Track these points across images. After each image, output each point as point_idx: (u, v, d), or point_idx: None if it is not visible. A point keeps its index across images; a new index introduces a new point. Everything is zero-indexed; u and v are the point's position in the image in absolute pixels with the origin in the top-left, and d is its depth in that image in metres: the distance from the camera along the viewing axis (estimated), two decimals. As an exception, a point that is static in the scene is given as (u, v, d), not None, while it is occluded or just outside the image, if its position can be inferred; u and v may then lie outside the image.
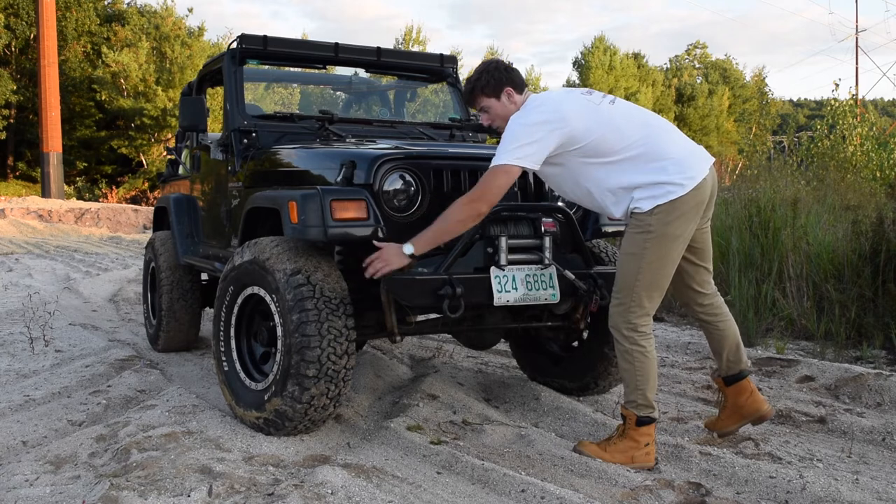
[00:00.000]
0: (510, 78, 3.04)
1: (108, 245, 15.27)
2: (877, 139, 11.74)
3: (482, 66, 3.10)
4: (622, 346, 2.94)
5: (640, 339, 2.92)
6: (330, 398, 3.00)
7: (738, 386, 3.16)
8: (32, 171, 30.61)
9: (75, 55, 30.48)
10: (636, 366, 2.93)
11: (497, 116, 3.06)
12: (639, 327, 2.92)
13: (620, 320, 2.93)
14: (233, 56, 4.21)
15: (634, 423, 2.94)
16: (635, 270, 2.89)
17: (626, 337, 2.93)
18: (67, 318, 6.04)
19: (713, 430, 3.24)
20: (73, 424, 3.41)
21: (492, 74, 3.03)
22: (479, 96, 3.06)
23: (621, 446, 2.93)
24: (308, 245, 3.16)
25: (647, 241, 2.85)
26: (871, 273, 5.10)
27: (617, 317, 2.94)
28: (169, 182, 5.70)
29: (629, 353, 2.93)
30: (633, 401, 2.96)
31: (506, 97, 3.03)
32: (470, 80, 3.10)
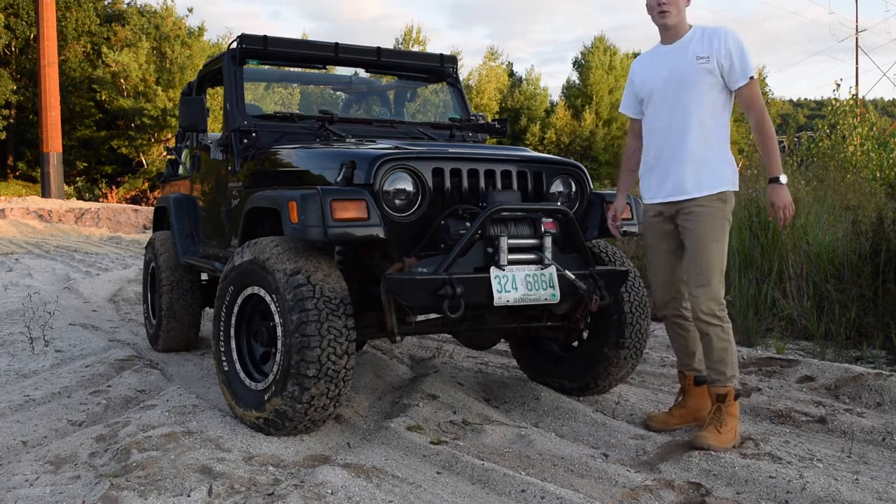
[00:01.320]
0: None
1: (108, 245, 15.27)
2: (877, 139, 11.74)
3: None
4: (717, 327, 3.08)
5: (727, 315, 3.11)
6: (330, 398, 3.00)
7: (703, 389, 3.31)
8: (32, 171, 30.61)
9: (75, 55, 30.47)
10: (731, 341, 3.11)
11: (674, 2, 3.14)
12: (724, 305, 3.10)
13: (713, 303, 3.07)
14: (233, 56, 4.21)
15: (733, 398, 3.10)
16: (720, 253, 3.09)
17: (719, 317, 3.08)
18: (67, 318, 6.04)
19: (653, 424, 3.36)
20: (73, 424, 3.41)
21: None
22: None
23: (730, 425, 3.08)
24: (308, 245, 3.16)
25: (726, 226, 3.10)
26: (871, 273, 5.10)
27: (708, 301, 3.07)
28: (169, 182, 5.71)
29: (725, 331, 3.09)
30: (732, 375, 3.11)
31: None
32: None
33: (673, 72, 3.15)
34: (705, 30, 3.14)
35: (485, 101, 35.55)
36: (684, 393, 3.38)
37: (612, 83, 38.99)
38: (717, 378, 3.12)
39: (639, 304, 3.70)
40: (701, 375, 3.31)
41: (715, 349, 3.09)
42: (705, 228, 3.08)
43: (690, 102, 3.11)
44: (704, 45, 3.10)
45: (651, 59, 3.30)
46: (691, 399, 3.35)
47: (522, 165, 3.46)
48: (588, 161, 34.92)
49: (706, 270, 3.07)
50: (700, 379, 3.31)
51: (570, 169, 3.61)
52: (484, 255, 3.10)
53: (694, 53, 3.10)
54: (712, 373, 3.13)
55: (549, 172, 3.53)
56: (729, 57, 3.05)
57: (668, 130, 3.17)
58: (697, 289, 3.08)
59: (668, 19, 3.15)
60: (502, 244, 3.07)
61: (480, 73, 38.01)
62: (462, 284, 2.93)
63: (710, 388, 3.15)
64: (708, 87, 3.09)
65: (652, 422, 3.37)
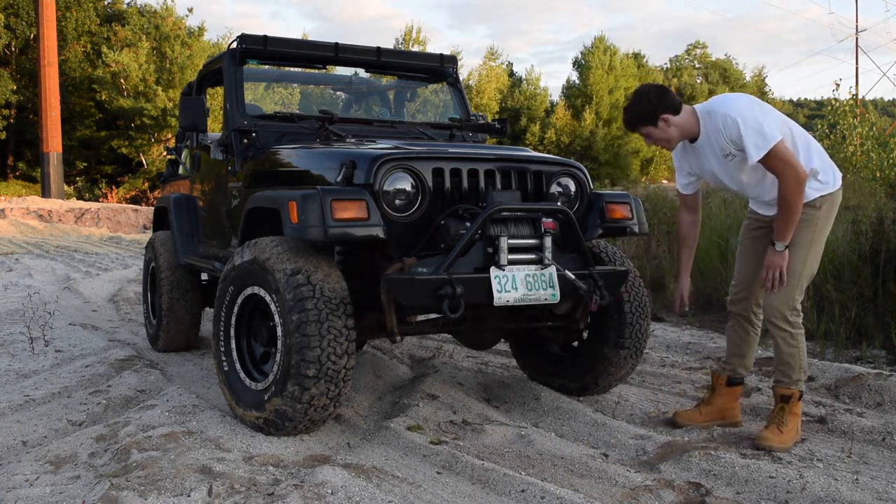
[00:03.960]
0: (663, 105, 3.15)
1: (108, 245, 15.27)
2: (877, 139, 11.74)
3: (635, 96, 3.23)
4: (787, 331, 3.12)
5: (800, 321, 3.15)
6: (330, 398, 3.00)
7: (735, 390, 3.40)
8: (32, 171, 30.60)
9: (75, 55, 30.47)
10: (801, 346, 3.15)
11: (659, 140, 3.23)
12: (799, 311, 3.14)
13: (786, 307, 3.11)
14: (233, 56, 4.21)
15: (797, 399, 3.15)
16: (803, 259, 3.12)
17: (790, 322, 3.12)
18: (67, 318, 6.04)
19: (679, 420, 3.39)
20: (73, 424, 3.41)
21: (644, 105, 3.17)
22: (638, 126, 3.24)
23: (791, 425, 3.12)
24: (308, 245, 3.16)
25: (815, 231, 3.14)
26: (871, 273, 5.10)
27: (782, 305, 3.11)
28: (169, 182, 5.71)
29: (794, 337, 3.13)
30: (798, 379, 3.16)
31: (663, 123, 3.16)
32: (626, 109, 3.27)
33: (715, 167, 3.22)
34: (711, 120, 3.13)
35: (485, 101, 35.57)
36: (713, 391, 3.41)
37: (612, 83, 39.00)
38: (782, 379, 3.17)
39: (639, 304, 3.69)
40: (735, 377, 3.38)
41: (783, 353, 3.15)
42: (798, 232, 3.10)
43: (750, 179, 3.18)
44: (718, 141, 3.12)
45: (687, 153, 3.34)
46: (720, 398, 3.38)
47: (522, 165, 3.45)
48: (588, 161, 34.94)
49: (790, 274, 3.10)
50: (734, 380, 3.38)
51: (570, 169, 3.61)
52: (484, 255, 3.10)
53: (720, 151, 3.14)
54: (778, 374, 3.19)
55: (549, 172, 3.53)
56: (738, 146, 3.07)
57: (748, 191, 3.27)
58: (773, 296, 3.12)
59: (668, 149, 3.30)
60: (502, 244, 3.07)
61: (480, 73, 38.03)
62: (462, 284, 2.92)
63: (775, 388, 3.20)
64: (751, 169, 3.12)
65: (679, 418, 3.40)
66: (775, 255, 3.07)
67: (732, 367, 3.41)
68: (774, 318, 3.12)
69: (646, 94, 3.19)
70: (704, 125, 3.17)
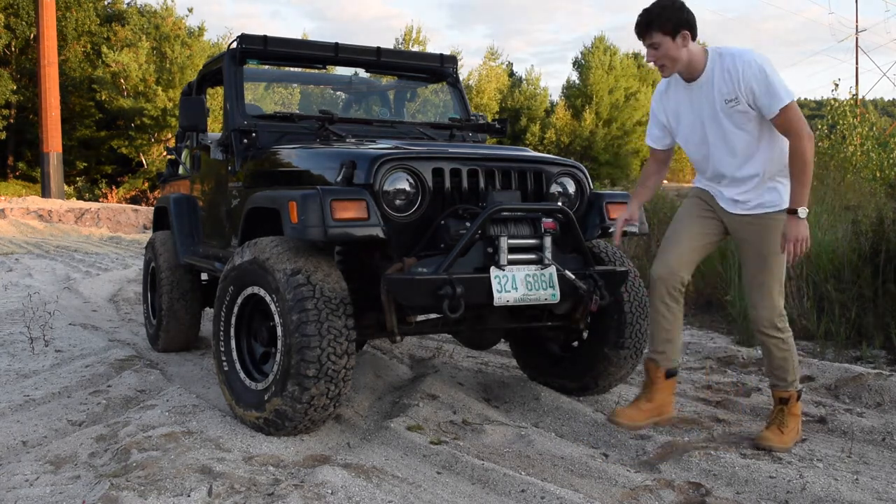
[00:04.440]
0: (689, 21, 2.91)
1: (108, 245, 15.27)
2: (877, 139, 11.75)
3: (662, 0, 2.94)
4: (778, 338, 3.07)
5: (787, 324, 3.10)
6: (330, 398, 3.00)
7: (672, 382, 3.24)
8: (32, 171, 30.60)
9: (75, 55, 30.47)
10: (792, 349, 3.11)
11: (664, 56, 2.94)
12: (785, 315, 3.09)
13: (774, 315, 3.05)
14: (233, 56, 4.21)
15: (796, 399, 3.13)
16: (781, 266, 3.03)
17: (779, 328, 3.06)
18: (67, 318, 6.04)
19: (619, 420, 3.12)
20: (73, 424, 3.41)
21: (671, 12, 2.90)
22: (654, 29, 2.92)
23: (792, 425, 3.11)
24: (308, 245, 3.16)
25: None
26: (871, 273, 5.10)
27: (770, 314, 3.05)
28: (169, 182, 5.71)
29: (785, 342, 3.08)
30: (794, 380, 3.12)
31: (681, 39, 2.91)
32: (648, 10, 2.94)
33: (705, 115, 3.00)
34: (724, 60, 2.91)
35: (485, 101, 35.56)
36: (652, 384, 3.18)
37: (612, 83, 38.99)
38: (778, 383, 3.14)
39: (639, 304, 3.69)
40: (672, 368, 3.18)
41: (776, 358, 3.11)
42: (768, 242, 2.99)
43: (735, 141, 2.96)
44: (728, 83, 2.90)
45: (675, 94, 3.11)
46: (659, 393, 3.17)
47: (522, 165, 3.45)
48: (588, 161, 34.93)
49: (768, 284, 3.03)
50: (672, 371, 3.19)
51: (570, 169, 3.61)
52: (484, 255, 3.10)
53: (721, 95, 2.92)
54: (773, 378, 3.15)
55: (549, 172, 3.53)
56: (753, 94, 2.86)
57: (720, 162, 3.04)
58: (760, 302, 3.05)
59: (665, 73, 3.03)
60: (502, 244, 3.07)
61: (480, 73, 38.02)
62: (462, 284, 2.92)
63: (773, 392, 3.18)
64: (746, 121, 2.93)
65: (617, 417, 3.12)
66: (799, 224, 2.83)
67: (666, 356, 3.16)
68: (764, 328, 3.06)
69: (675, 2, 2.92)
70: (713, 64, 2.94)
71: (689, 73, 2.99)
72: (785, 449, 3.04)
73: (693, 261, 3.16)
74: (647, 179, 3.36)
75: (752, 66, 2.85)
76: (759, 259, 3.05)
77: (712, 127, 2.99)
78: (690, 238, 3.15)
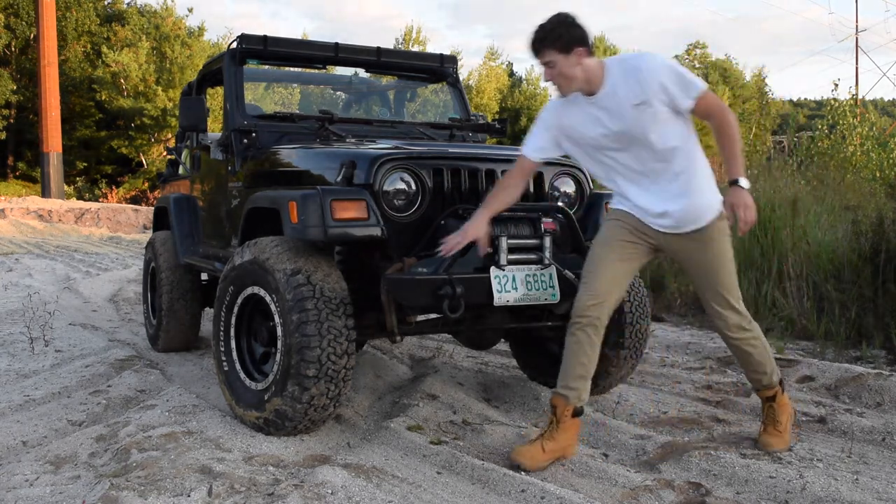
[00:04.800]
0: (582, 37, 2.80)
1: (108, 245, 15.27)
2: (877, 139, 11.75)
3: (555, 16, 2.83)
4: (748, 335, 3.01)
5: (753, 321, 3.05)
6: (330, 398, 3.00)
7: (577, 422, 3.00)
8: (32, 171, 30.61)
9: (75, 55, 30.48)
10: (764, 341, 3.07)
11: (559, 75, 2.81)
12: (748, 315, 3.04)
13: (741, 319, 3.00)
14: (233, 56, 4.21)
15: (781, 391, 3.10)
16: (731, 269, 2.99)
17: (748, 328, 3.01)
18: (67, 318, 6.04)
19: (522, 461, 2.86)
20: (73, 424, 3.41)
21: (564, 29, 2.79)
22: (547, 47, 2.79)
23: (785, 419, 3.09)
24: (308, 245, 3.16)
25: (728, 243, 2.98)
26: (871, 273, 5.10)
27: (736, 318, 2.99)
28: (169, 182, 5.71)
29: (756, 337, 3.03)
30: (773, 373, 3.08)
31: (575, 56, 2.79)
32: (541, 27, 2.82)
33: (613, 127, 2.83)
34: (624, 68, 2.80)
35: (485, 101, 35.55)
36: (558, 423, 2.93)
37: (612, 83, 38.92)
38: (758, 379, 3.09)
39: (639, 304, 3.70)
40: (580, 407, 2.97)
41: (753, 356, 3.04)
42: (718, 249, 2.93)
43: (652, 143, 2.80)
44: (634, 87, 2.76)
45: (575, 109, 2.91)
46: (565, 433, 2.93)
47: (522, 165, 3.45)
48: (588, 161, 34.86)
49: (728, 289, 2.97)
50: (579, 410, 2.97)
51: (570, 169, 3.61)
52: (484, 255, 3.10)
53: (627, 101, 2.77)
54: (754, 378, 3.10)
55: (549, 172, 3.53)
56: (665, 90, 2.74)
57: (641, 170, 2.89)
58: (721, 311, 2.98)
59: (563, 91, 2.87)
60: (502, 244, 3.06)
61: (480, 73, 38.02)
62: (462, 284, 2.92)
63: (758, 394, 3.14)
64: (660, 122, 2.78)
65: (520, 457, 2.87)
66: (743, 192, 2.74)
67: (577, 394, 2.94)
68: (732, 333, 2.99)
69: (567, 19, 2.79)
70: (613, 75, 2.80)
71: (590, 88, 2.84)
72: (786, 449, 3.04)
73: (616, 294, 2.97)
74: (507, 189, 3.05)
75: (657, 64, 2.76)
76: (709, 271, 2.95)
77: (625, 137, 2.83)
78: (612, 268, 2.95)
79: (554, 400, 2.99)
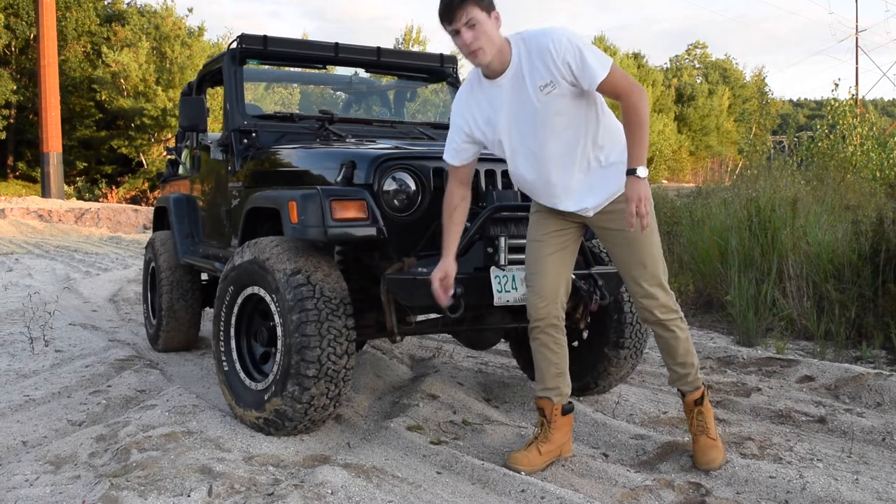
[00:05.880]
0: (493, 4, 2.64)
1: (108, 245, 15.27)
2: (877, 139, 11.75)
3: None
4: (677, 315, 2.82)
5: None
6: (330, 398, 3.00)
7: (569, 419, 3.00)
8: (32, 171, 30.62)
9: (75, 55, 30.49)
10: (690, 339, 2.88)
11: (483, 35, 2.60)
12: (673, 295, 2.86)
13: (668, 297, 2.81)
14: (233, 56, 4.21)
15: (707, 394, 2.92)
16: (658, 244, 2.82)
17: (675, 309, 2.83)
18: (67, 318, 6.04)
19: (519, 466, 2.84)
20: (73, 424, 3.41)
21: None
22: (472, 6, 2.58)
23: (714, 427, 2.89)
24: (308, 245, 3.16)
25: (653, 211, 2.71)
26: (871, 273, 5.10)
27: (664, 295, 2.80)
28: (169, 182, 5.71)
29: (683, 320, 2.85)
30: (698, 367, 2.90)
31: (495, 19, 2.63)
32: None
33: (519, 114, 2.68)
34: (528, 45, 2.63)
35: (485, 101, 35.50)
36: (549, 423, 2.92)
37: (612, 83, 38.91)
38: (686, 373, 2.86)
39: (639, 304, 3.69)
40: (568, 404, 2.97)
41: (680, 342, 2.83)
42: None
43: (562, 136, 2.68)
44: (538, 68, 2.60)
45: (481, 96, 2.76)
46: (557, 432, 2.92)
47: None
48: (588, 161, 34.83)
49: (652, 266, 2.78)
50: (567, 408, 2.97)
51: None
52: (484, 255, 3.10)
53: (533, 84, 2.62)
54: (680, 368, 2.86)
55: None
56: (570, 68, 2.58)
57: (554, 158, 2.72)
58: (647, 288, 2.77)
59: (483, 58, 2.63)
60: (502, 244, 3.06)
61: (480, 73, 37.97)
62: (462, 284, 2.92)
63: (685, 397, 2.91)
64: (568, 108, 2.65)
65: (517, 463, 2.84)
66: (639, 184, 2.55)
67: (560, 391, 2.94)
68: (662, 314, 2.78)
69: None
70: (518, 54, 2.64)
71: (499, 65, 2.66)
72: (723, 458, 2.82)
73: (564, 285, 2.91)
74: (456, 213, 2.87)
75: (561, 41, 2.57)
76: (638, 242, 2.76)
77: (533, 123, 2.67)
78: (552, 264, 2.87)
79: (539, 403, 2.98)
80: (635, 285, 2.82)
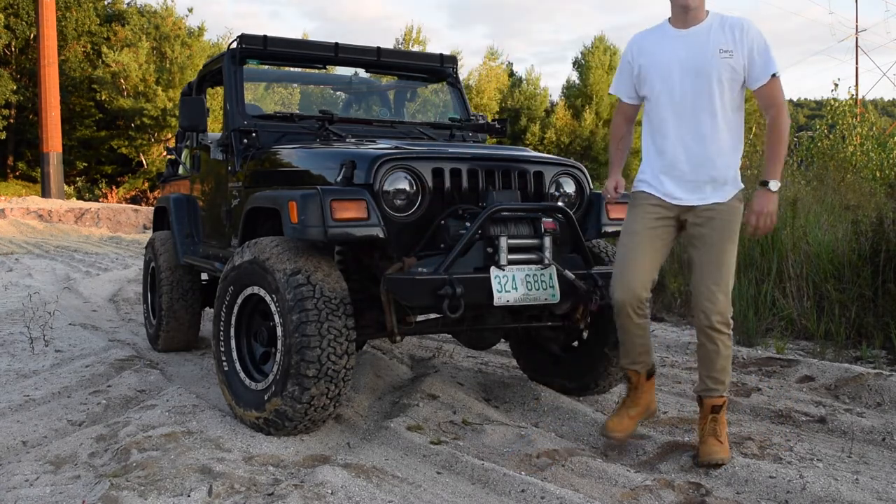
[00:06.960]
0: None
1: (108, 245, 15.27)
2: (877, 139, 11.74)
3: None
4: (726, 334, 2.90)
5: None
6: (330, 398, 3.00)
7: (653, 380, 3.21)
8: (32, 171, 30.62)
9: (75, 55, 30.48)
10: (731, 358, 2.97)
11: None
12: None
13: (728, 310, 2.89)
14: (233, 56, 4.21)
15: (726, 406, 2.98)
16: (734, 257, 2.91)
17: (729, 324, 2.90)
18: (67, 318, 6.04)
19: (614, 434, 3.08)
20: (73, 424, 3.41)
21: None
22: None
23: (725, 431, 2.94)
24: (308, 245, 3.16)
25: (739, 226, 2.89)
26: (871, 273, 5.10)
27: (725, 309, 2.87)
28: (169, 182, 5.71)
29: (730, 338, 2.93)
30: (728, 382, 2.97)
31: None
32: None
33: (691, 62, 2.86)
34: (725, 19, 2.88)
35: (485, 101, 35.54)
36: (636, 389, 3.14)
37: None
38: (715, 388, 2.94)
39: (639, 304, 3.69)
40: (651, 368, 3.16)
41: (721, 358, 2.90)
42: (726, 231, 2.87)
43: (713, 100, 2.85)
44: (727, 36, 2.83)
45: (659, 40, 2.97)
46: (645, 395, 3.14)
47: (522, 165, 3.46)
48: (588, 161, 34.90)
49: (726, 276, 2.87)
50: (651, 372, 3.16)
51: (570, 169, 3.61)
52: (484, 255, 3.10)
53: (716, 45, 2.83)
54: (711, 382, 2.94)
55: (549, 172, 3.53)
56: (751, 53, 2.81)
57: (688, 130, 2.89)
58: (715, 298, 2.85)
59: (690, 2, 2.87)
60: (502, 244, 3.07)
61: (480, 73, 37.98)
62: (462, 284, 2.92)
63: (706, 400, 2.96)
64: (729, 83, 2.85)
65: (611, 431, 3.07)
66: (770, 197, 2.75)
67: (645, 363, 3.12)
68: (718, 324, 2.86)
69: None
70: (712, 19, 2.89)
71: (693, 16, 2.90)
72: (728, 458, 2.85)
73: (652, 276, 3.02)
74: (623, 141, 3.21)
75: (753, 27, 2.85)
76: (718, 252, 2.87)
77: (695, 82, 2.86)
78: (647, 255, 2.98)
79: (628, 373, 3.17)
80: (701, 293, 2.90)
